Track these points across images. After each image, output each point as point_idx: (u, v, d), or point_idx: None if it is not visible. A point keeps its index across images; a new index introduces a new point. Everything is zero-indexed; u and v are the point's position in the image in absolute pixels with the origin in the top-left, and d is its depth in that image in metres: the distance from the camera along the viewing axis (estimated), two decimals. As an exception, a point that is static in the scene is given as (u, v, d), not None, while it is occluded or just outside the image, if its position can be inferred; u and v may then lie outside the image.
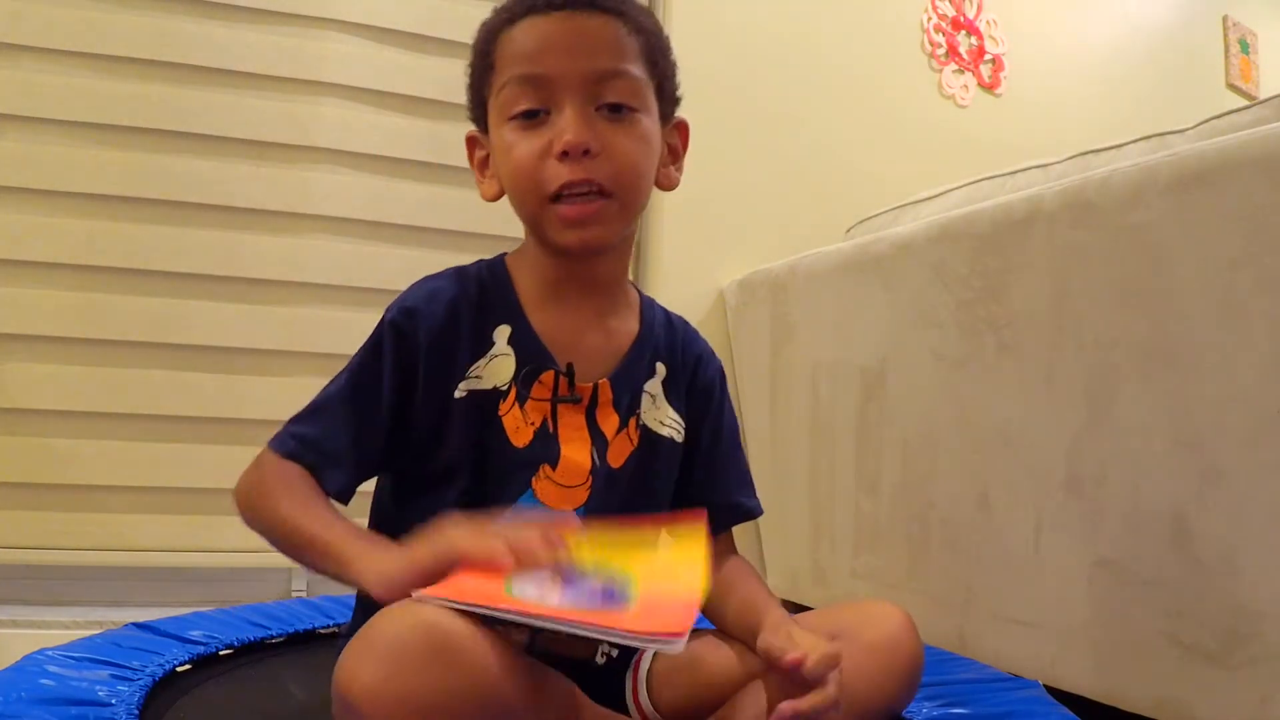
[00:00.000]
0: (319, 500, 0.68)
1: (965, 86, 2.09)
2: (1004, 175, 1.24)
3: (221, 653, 0.91)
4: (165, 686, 0.80)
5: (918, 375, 1.21)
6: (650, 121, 0.73)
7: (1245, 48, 2.67)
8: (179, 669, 0.84)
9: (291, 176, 1.49)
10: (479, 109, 0.76)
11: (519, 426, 0.71)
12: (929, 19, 2.05)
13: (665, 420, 0.79)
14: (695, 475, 0.82)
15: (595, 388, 0.74)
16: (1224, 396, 0.82)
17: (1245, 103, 1.10)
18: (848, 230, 1.61)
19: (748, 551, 1.67)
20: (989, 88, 2.13)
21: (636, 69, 0.71)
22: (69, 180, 1.39)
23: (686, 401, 0.81)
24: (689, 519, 0.72)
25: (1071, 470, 0.97)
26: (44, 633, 1.27)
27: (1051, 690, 0.87)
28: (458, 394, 0.71)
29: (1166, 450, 0.87)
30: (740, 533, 0.77)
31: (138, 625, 0.92)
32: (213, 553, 1.42)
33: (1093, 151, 1.11)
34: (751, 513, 0.85)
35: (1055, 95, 2.21)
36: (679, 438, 0.79)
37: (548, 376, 0.73)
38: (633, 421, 0.76)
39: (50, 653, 0.79)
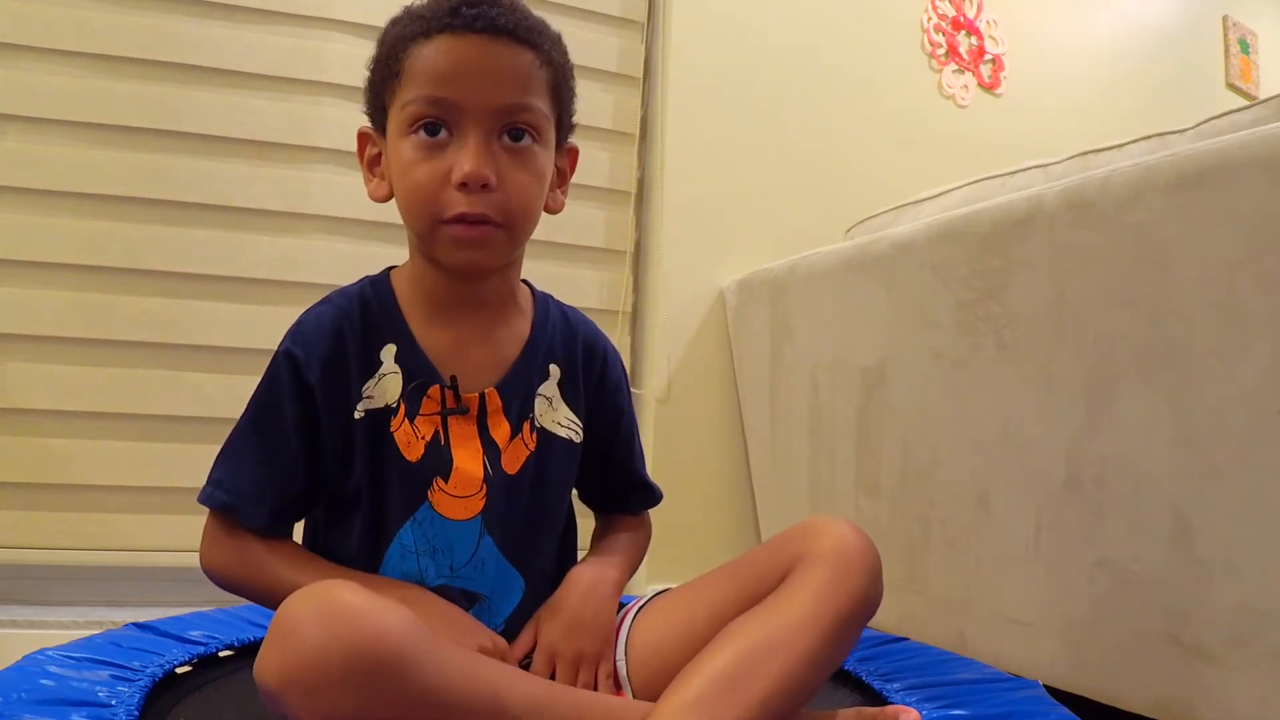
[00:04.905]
0: (307, 559, 0.74)
1: (965, 86, 2.09)
2: (1004, 175, 1.24)
3: (221, 653, 0.91)
4: (165, 687, 0.80)
5: (918, 375, 1.21)
6: (546, 155, 0.74)
7: (1245, 48, 2.67)
8: (179, 669, 0.84)
9: (291, 176, 1.49)
10: (377, 110, 0.76)
11: (410, 441, 0.73)
12: (929, 19, 2.05)
13: (562, 421, 0.80)
14: (612, 465, 0.86)
15: (482, 397, 0.75)
16: (1224, 396, 0.82)
17: (1245, 103, 1.10)
18: (848, 230, 1.61)
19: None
20: (989, 88, 2.13)
21: (541, 103, 0.72)
22: (69, 180, 1.39)
23: (594, 399, 0.83)
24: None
25: (1071, 470, 0.97)
26: (44, 633, 1.27)
27: (1051, 690, 0.87)
28: (357, 415, 0.73)
29: (1166, 450, 0.87)
30: (740, 532, 0.76)
31: (138, 625, 0.92)
32: (213, 553, 1.42)
33: (1093, 151, 1.11)
34: (659, 495, 0.90)
35: (1055, 95, 2.21)
36: (577, 439, 0.81)
37: (435, 390, 0.74)
38: (527, 426, 0.77)
39: (50, 653, 0.79)
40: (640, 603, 0.80)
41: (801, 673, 0.63)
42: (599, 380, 0.84)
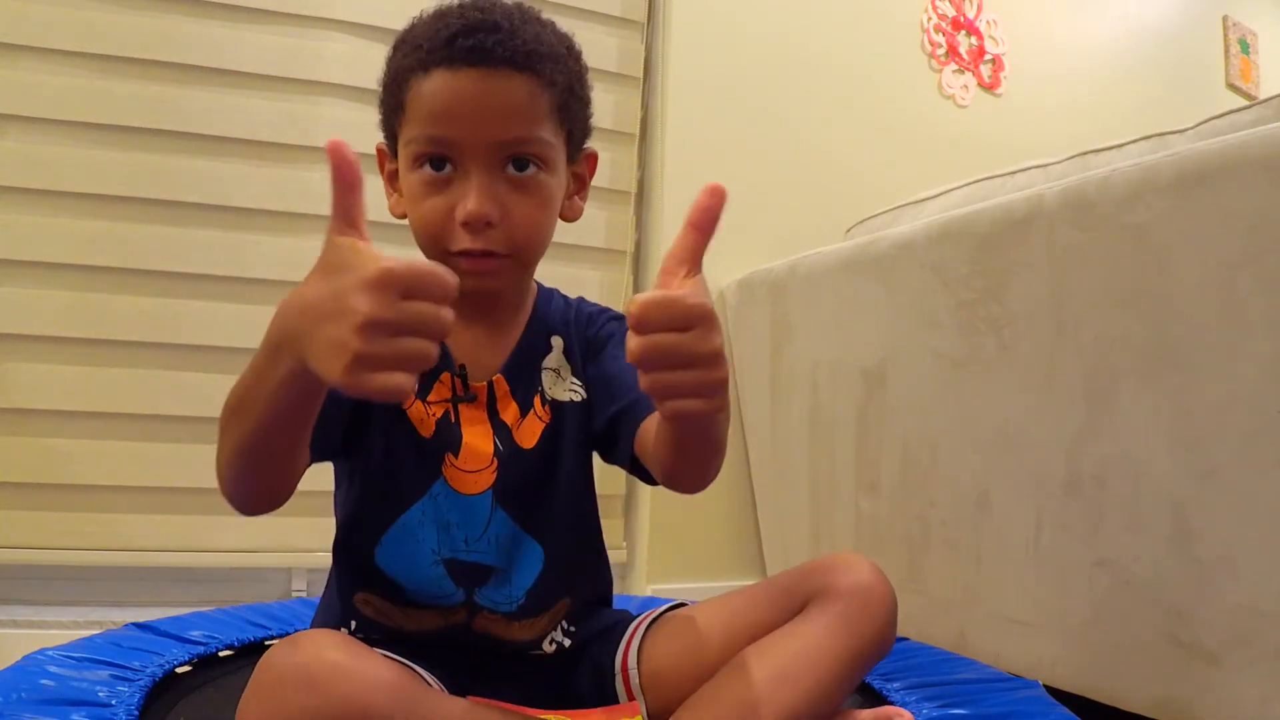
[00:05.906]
0: None
1: (965, 86, 2.09)
2: (1004, 175, 1.24)
3: (221, 653, 0.91)
4: (165, 687, 0.81)
5: (918, 375, 1.21)
6: (554, 180, 0.73)
7: (1245, 48, 2.67)
8: (179, 669, 0.85)
9: (291, 176, 1.49)
10: (389, 135, 0.76)
11: (423, 418, 0.75)
12: (929, 19, 2.05)
13: (570, 388, 0.81)
14: (627, 399, 0.78)
15: (490, 384, 0.77)
16: (1224, 396, 0.82)
17: (1245, 103, 1.10)
18: (848, 230, 1.61)
19: (747, 552, 1.68)
20: (989, 88, 2.13)
21: (546, 131, 0.71)
22: (69, 180, 1.39)
23: (583, 355, 0.83)
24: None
25: (1071, 470, 0.97)
26: (44, 633, 1.27)
27: (1051, 690, 0.87)
28: None
29: (1166, 450, 0.87)
30: (740, 532, 0.75)
31: (138, 625, 0.92)
32: (213, 553, 1.42)
33: (1093, 151, 1.11)
34: None
35: (1055, 95, 2.21)
36: (579, 398, 0.81)
37: (445, 377, 0.76)
38: (537, 400, 0.78)
39: (50, 653, 0.79)
40: (653, 614, 0.81)
41: (811, 705, 0.65)
42: (597, 333, 0.84)
